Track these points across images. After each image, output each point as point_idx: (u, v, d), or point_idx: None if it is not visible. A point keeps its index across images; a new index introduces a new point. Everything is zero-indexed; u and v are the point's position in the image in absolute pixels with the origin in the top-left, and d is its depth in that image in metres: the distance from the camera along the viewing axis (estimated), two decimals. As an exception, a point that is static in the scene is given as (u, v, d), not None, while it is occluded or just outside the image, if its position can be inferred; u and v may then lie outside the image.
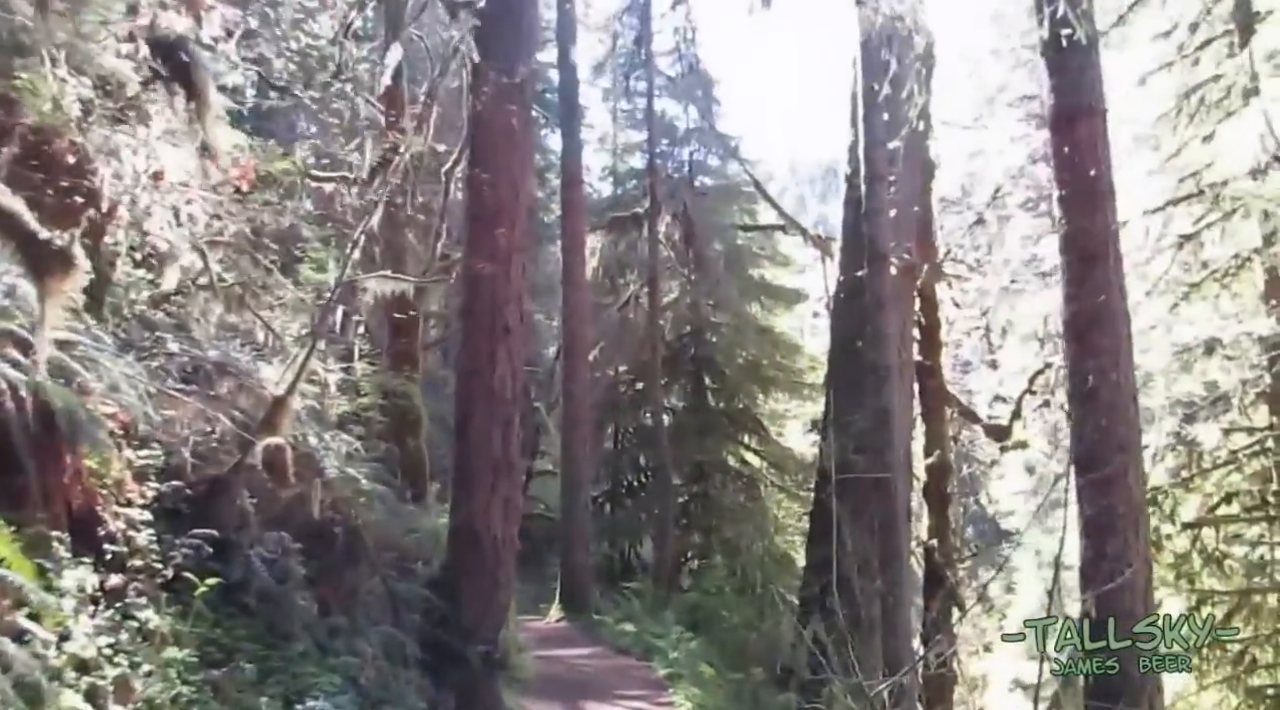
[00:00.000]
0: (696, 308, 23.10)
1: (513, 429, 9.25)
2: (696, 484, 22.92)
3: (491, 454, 9.12)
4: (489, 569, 9.17)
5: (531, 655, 13.49)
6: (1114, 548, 10.87)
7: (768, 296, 23.54)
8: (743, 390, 23.54)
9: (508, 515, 9.22)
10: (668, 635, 14.85)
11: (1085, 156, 11.44)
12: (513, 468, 9.25)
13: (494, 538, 9.14)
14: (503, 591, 9.28)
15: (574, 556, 17.83)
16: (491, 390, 9.12)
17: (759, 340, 23.30)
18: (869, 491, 19.59)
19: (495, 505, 9.13)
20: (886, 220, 17.20)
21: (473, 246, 9.37)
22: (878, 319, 17.14)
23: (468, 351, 9.40)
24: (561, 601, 18.08)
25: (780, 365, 23.32)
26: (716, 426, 23.22)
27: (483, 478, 9.13)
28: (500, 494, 9.15)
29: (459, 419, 9.39)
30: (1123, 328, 11.25)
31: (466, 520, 9.18)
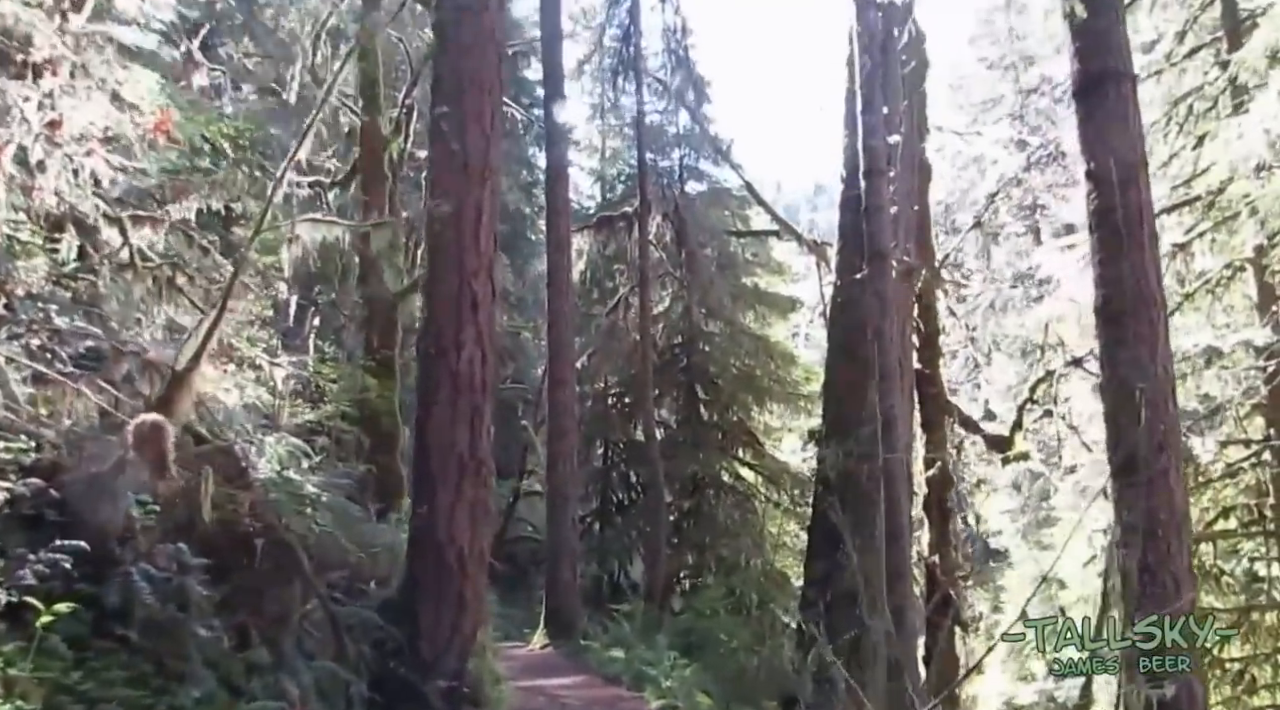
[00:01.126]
0: (688, 316, 21.61)
1: (483, 421, 7.72)
2: (689, 500, 21.36)
3: (456, 450, 7.59)
4: (453, 588, 7.61)
5: (511, 687, 11.83)
6: (1155, 557, 9.33)
7: (761, 304, 22.07)
8: (736, 402, 22.02)
9: (476, 523, 7.68)
10: (660, 662, 13.23)
11: (1114, 124, 10.01)
12: (482, 467, 7.71)
13: (459, 550, 7.59)
14: (470, 614, 7.70)
15: (559, 577, 16.22)
16: (457, 375, 7.61)
17: (753, 350, 21.81)
18: (871, 504, 18.11)
19: (461, 511, 7.60)
20: (887, 217, 15.85)
21: (437, 201, 7.84)
22: (880, 321, 15.66)
23: (430, 330, 7.86)
24: (546, 626, 16.47)
25: (775, 376, 21.79)
26: (709, 440, 21.69)
27: (446, 478, 7.61)
28: (467, 498, 7.61)
29: (419, 410, 7.86)
30: (1159, 313, 9.78)
31: (426, 530, 7.64)
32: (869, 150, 15.17)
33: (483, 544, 7.80)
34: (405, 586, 7.80)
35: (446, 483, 7.60)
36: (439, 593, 7.63)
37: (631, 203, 19.80)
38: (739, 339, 21.64)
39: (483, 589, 7.96)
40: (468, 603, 7.67)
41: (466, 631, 7.73)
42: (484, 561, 7.87)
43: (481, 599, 7.95)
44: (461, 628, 7.69)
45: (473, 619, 7.83)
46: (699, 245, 20.36)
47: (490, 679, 10.60)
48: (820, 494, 17.87)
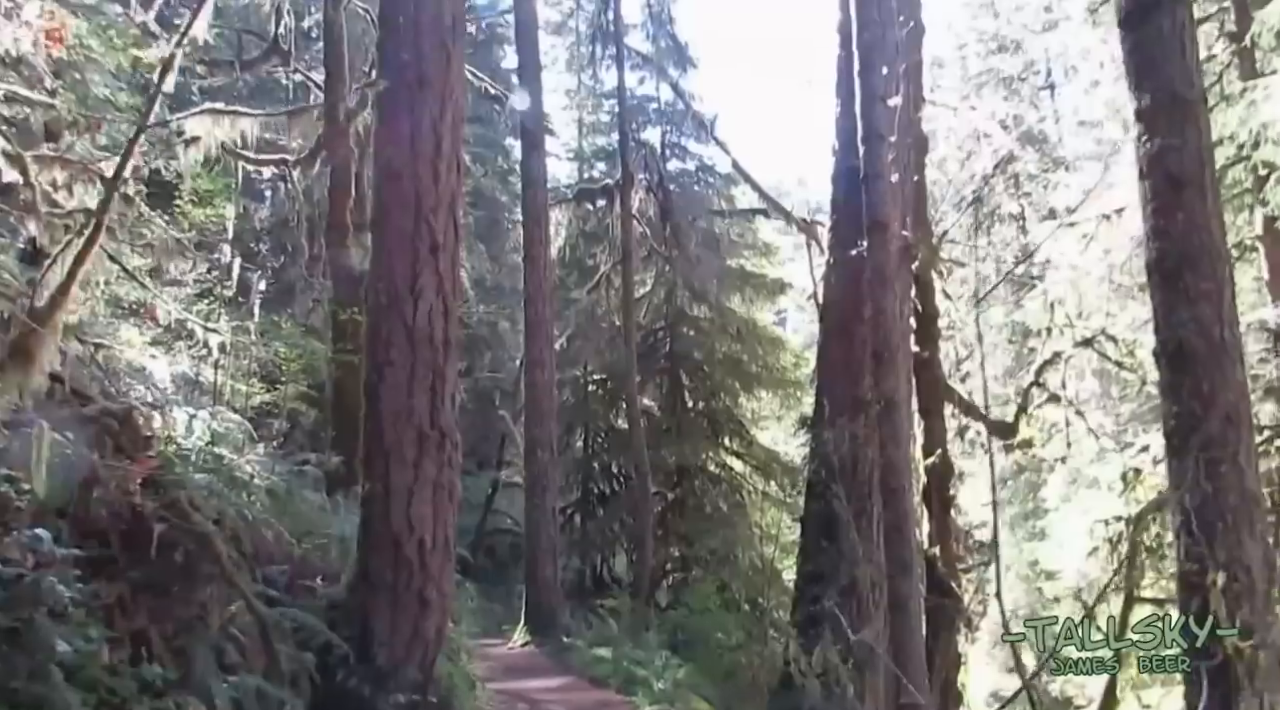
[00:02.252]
0: (672, 299, 20.23)
1: (445, 385, 6.33)
2: (674, 491, 19.97)
3: (414, 420, 6.20)
4: (413, 584, 6.22)
5: (488, 692, 10.45)
6: (1225, 549, 7.99)
7: (749, 287, 20.64)
8: (723, 388, 20.64)
9: (440, 508, 6.29)
10: (651, 662, 11.87)
11: (1168, 55, 8.67)
12: (445, 440, 6.29)
13: (420, 541, 6.19)
14: (434, 614, 6.31)
15: (540, 571, 14.85)
16: (413, 330, 6.22)
17: (739, 334, 20.40)
18: (867, 493, 16.83)
19: (421, 493, 6.21)
20: (887, 185, 14.49)
21: (387, 127, 6.41)
22: (880, 296, 14.30)
23: (380, 277, 6.43)
24: (527, 622, 15.10)
25: (763, 361, 20.41)
26: (695, 428, 20.31)
27: (402, 454, 6.22)
28: (428, 477, 6.22)
29: (368, 372, 6.45)
30: (1223, 267, 8.44)
31: (380, 516, 6.23)
32: (868, 113, 13.92)
33: (448, 532, 6.39)
34: (357, 583, 6.39)
35: (403, 459, 6.19)
36: (396, 590, 6.23)
37: (613, 175, 18.37)
38: (725, 323, 20.26)
39: (449, 585, 6.55)
40: (431, 602, 6.28)
41: (430, 635, 6.33)
42: (450, 553, 6.47)
43: (448, 596, 6.54)
44: (424, 631, 6.30)
45: (438, 620, 6.43)
46: (684, 218, 18.91)
47: (464, 685, 9.22)
48: (814, 483, 16.55)
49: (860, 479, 16.28)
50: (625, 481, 21.48)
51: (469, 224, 32.33)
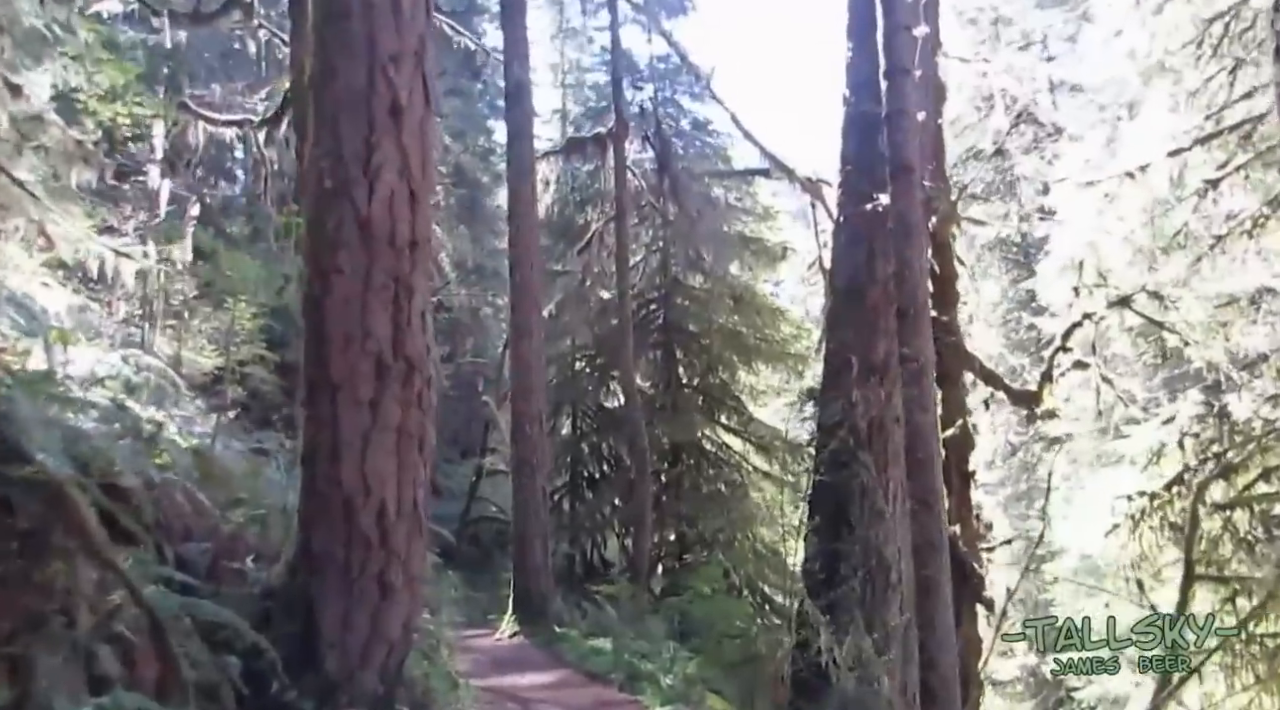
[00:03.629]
0: (666, 268, 18.57)
1: (414, 299, 4.65)
2: (669, 471, 18.31)
3: (370, 346, 4.53)
4: (372, 565, 4.56)
5: (473, 691, 8.82)
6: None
7: (749, 252, 18.96)
8: (720, 362, 18.98)
9: (406, 462, 4.59)
10: (657, 653, 10.22)
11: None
12: (414, 373, 4.61)
13: (379, 507, 4.54)
14: (400, 604, 4.66)
15: (529, 555, 13.21)
16: (368, 225, 4.54)
17: (737, 304, 18.73)
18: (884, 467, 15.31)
19: (380, 443, 4.55)
20: (913, 123, 13.03)
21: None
22: (905, 248, 12.77)
23: (323, 155, 4.65)
24: (515, 611, 13.46)
25: (762, 333, 18.76)
26: (690, 404, 18.66)
27: (355, 390, 4.54)
28: (389, 421, 4.56)
29: (310, 282, 4.69)
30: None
31: (326, 475, 4.56)
32: (892, 44, 12.40)
33: (417, 495, 4.71)
34: (298, 565, 4.72)
35: (355, 398, 4.52)
36: (349, 573, 4.57)
37: (606, 123, 16.66)
38: (722, 292, 18.61)
39: (420, 564, 4.86)
40: (394, 587, 4.62)
41: (394, 631, 4.68)
42: (421, 522, 4.79)
43: (418, 579, 4.85)
44: (386, 626, 4.65)
45: (405, 611, 4.77)
46: (684, 173, 17.22)
47: (444, 685, 7.57)
48: (824, 459, 14.94)
49: (876, 451, 14.79)
50: (616, 463, 19.86)
51: (449, 205, 30.71)
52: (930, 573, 12.04)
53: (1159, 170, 15.68)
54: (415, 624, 4.89)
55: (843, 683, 9.22)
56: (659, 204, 17.52)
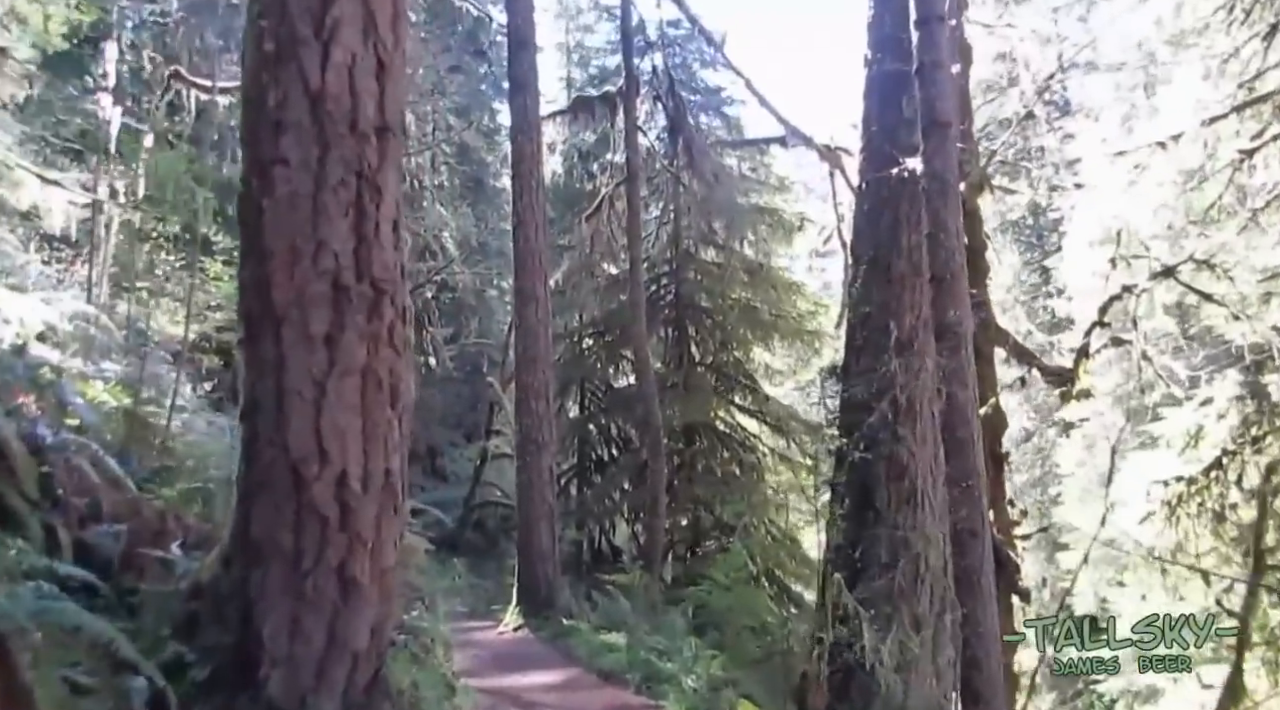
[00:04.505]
0: (677, 240, 17.31)
1: (383, 201, 3.42)
2: (681, 453, 17.07)
3: (324, 263, 3.30)
4: (329, 553, 3.35)
5: (472, 695, 7.65)
6: None
7: (764, 224, 17.67)
8: (734, 339, 17.72)
9: (373, 417, 3.37)
10: (678, 651, 9.01)
11: None
12: (384, 300, 3.39)
13: (340, 477, 3.31)
14: (366, 604, 3.45)
15: (534, 541, 12.02)
16: (320, 100, 3.33)
17: (752, 279, 17.47)
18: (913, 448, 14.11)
19: (340, 392, 3.32)
20: (948, 76, 11.75)
21: None
22: (941, 209, 11.48)
23: (266, 11, 3.38)
24: (520, 602, 12.28)
25: (778, 309, 17.50)
26: (702, 384, 17.41)
27: (304, 324, 3.30)
28: (351, 362, 3.34)
29: (245, 178, 3.43)
30: None
31: (270, 437, 3.32)
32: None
33: (390, 460, 3.49)
34: (234, 554, 3.50)
35: (306, 331, 3.32)
36: (299, 564, 3.37)
37: (615, 82, 15.37)
38: (736, 266, 17.35)
39: (394, 551, 3.63)
40: (359, 582, 3.41)
41: (358, 639, 3.48)
42: (395, 498, 3.56)
43: (391, 571, 3.62)
44: (347, 632, 3.44)
45: (375, 612, 3.57)
46: (699, 134, 15.91)
47: (437, 689, 6.39)
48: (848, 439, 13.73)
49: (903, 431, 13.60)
50: (625, 445, 18.66)
51: (453, 186, 29.53)
52: (971, 563, 10.86)
53: (1192, 140, 14.57)
54: (389, 629, 3.68)
55: (891, 687, 8.02)
56: (672, 167, 16.23)
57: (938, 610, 12.54)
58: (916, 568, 13.06)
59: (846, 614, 9.16)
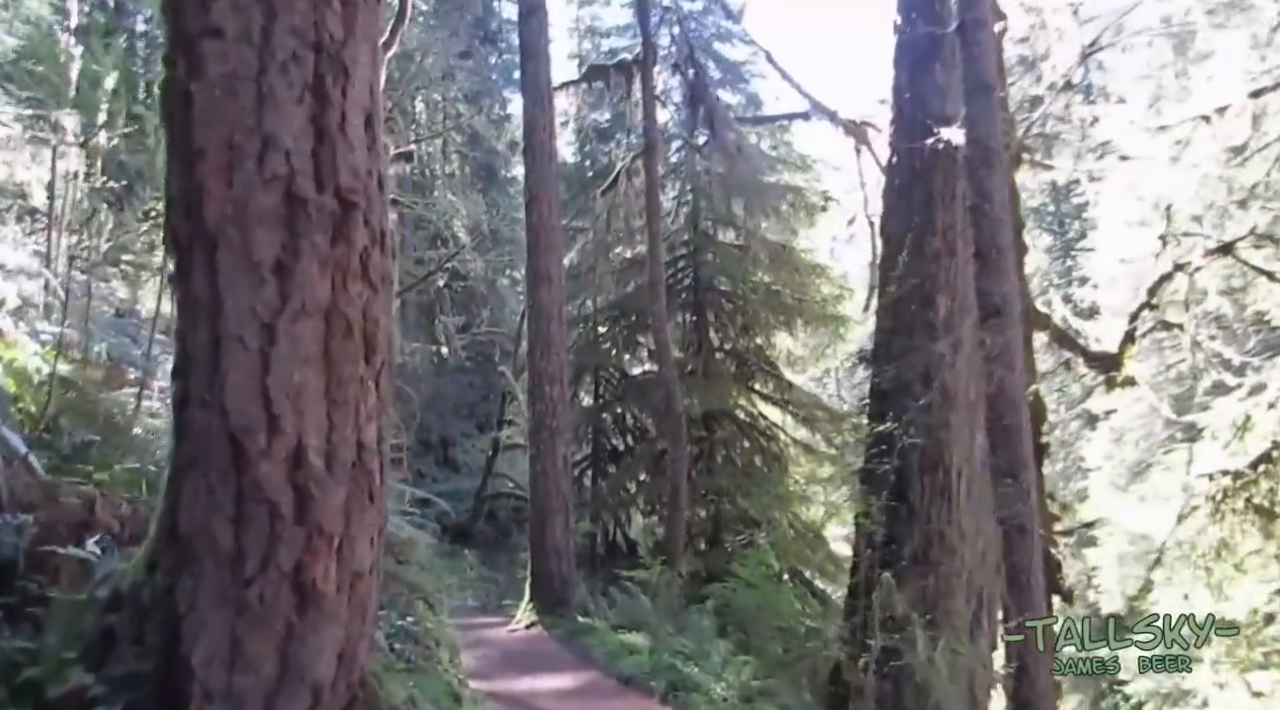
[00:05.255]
0: (695, 220, 16.37)
1: (352, 80, 2.50)
2: (700, 443, 16.14)
3: (270, 167, 2.38)
4: (280, 552, 2.40)
5: (481, 701, 6.81)
6: None
7: (786, 203, 16.68)
8: (756, 324, 16.78)
9: (341, 378, 2.46)
10: (705, 655, 8.11)
11: None
12: (354, 213, 2.50)
13: (293, 452, 2.37)
14: (330, 621, 2.51)
15: (548, 534, 11.16)
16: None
17: (773, 262, 16.52)
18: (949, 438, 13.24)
19: (293, 339, 2.38)
20: (991, 35, 10.87)
21: None
22: (985, 180, 10.57)
23: None
24: (533, 598, 11.42)
25: (801, 292, 16.54)
26: (722, 371, 16.48)
27: (244, 245, 2.39)
28: (308, 299, 2.40)
29: (167, 59, 2.51)
30: None
31: (201, 397, 2.40)
32: (967, -57, 10.31)
33: (362, 430, 2.60)
34: (159, 554, 2.62)
35: (249, 258, 2.41)
36: (238, 567, 2.46)
37: (632, 50, 14.43)
38: (756, 247, 16.40)
39: (365, 551, 2.72)
40: (320, 592, 2.51)
41: (320, 668, 2.57)
42: (372, 481, 2.68)
43: (366, 580, 2.72)
44: (304, 659, 2.54)
45: (341, 632, 2.64)
46: (720, 103, 14.93)
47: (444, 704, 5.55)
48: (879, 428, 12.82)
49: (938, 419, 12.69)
50: (642, 434, 17.77)
51: (464, 174, 28.73)
52: (1020, 561, 9.93)
53: (1237, 113, 13.64)
54: (365, 652, 2.78)
55: (946, 700, 7.12)
56: (693, 138, 15.28)
57: (974, 610, 11.69)
58: (953, 565, 12.21)
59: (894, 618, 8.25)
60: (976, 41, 10.51)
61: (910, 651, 7.70)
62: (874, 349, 13.50)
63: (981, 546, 12.42)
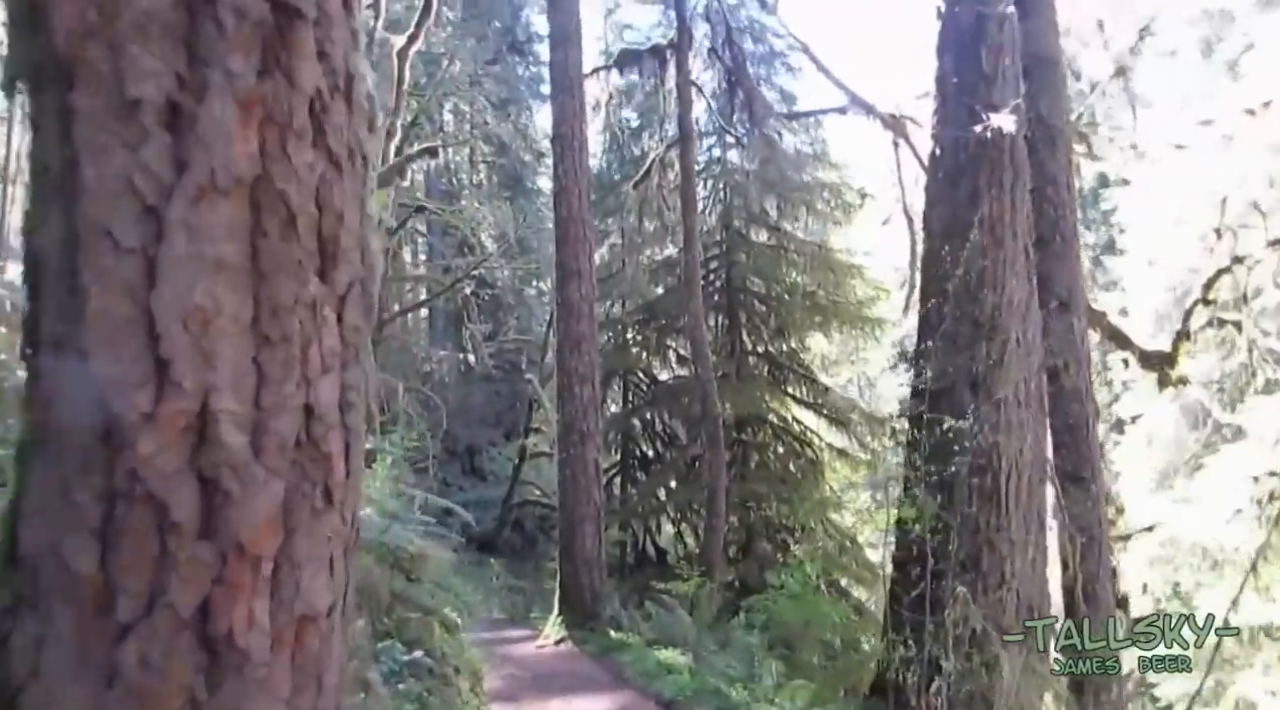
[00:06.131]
0: (727, 223, 15.35)
1: None
2: (732, 448, 15.08)
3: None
4: (176, 587, 1.26)
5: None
6: None
7: (824, 201, 15.60)
8: (789, 326, 15.70)
9: (278, 301, 1.35)
10: (752, 677, 7.00)
11: None
12: (302, 24, 1.44)
13: (203, 422, 1.24)
14: (262, 693, 1.36)
15: (578, 543, 10.14)
16: None
17: (808, 262, 15.45)
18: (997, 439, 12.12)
19: (191, 238, 1.27)
20: (1051, 7, 9.95)
21: None
22: (1048, 160, 9.65)
23: None
24: (563, 612, 10.35)
25: (837, 294, 15.45)
26: (755, 374, 15.41)
27: (116, 79, 1.29)
28: (218, 169, 1.28)
29: None
30: None
31: (54, 330, 1.29)
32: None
33: (315, 395, 1.50)
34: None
35: (118, 96, 1.38)
36: (108, 613, 1.38)
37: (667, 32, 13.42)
38: (791, 247, 15.33)
39: (320, 583, 1.60)
40: (242, 652, 1.42)
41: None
42: (328, 467, 1.59)
43: (319, 626, 1.61)
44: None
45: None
46: (759, 89, 13.85)
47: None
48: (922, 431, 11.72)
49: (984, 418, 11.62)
50: (671, 440, 16.73)
51: (491, 183, 27.93)
52: (1087, 569, 8.89)
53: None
54: None
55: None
56: (730, 127, 14.22)
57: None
58: (1001, 574, 11.10)
59: (971, 637, 7.15)
60: (1037, 11, 9.62)
61: (993, 672, 6.61)
62: (916, 348, 12.49)
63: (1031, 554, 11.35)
